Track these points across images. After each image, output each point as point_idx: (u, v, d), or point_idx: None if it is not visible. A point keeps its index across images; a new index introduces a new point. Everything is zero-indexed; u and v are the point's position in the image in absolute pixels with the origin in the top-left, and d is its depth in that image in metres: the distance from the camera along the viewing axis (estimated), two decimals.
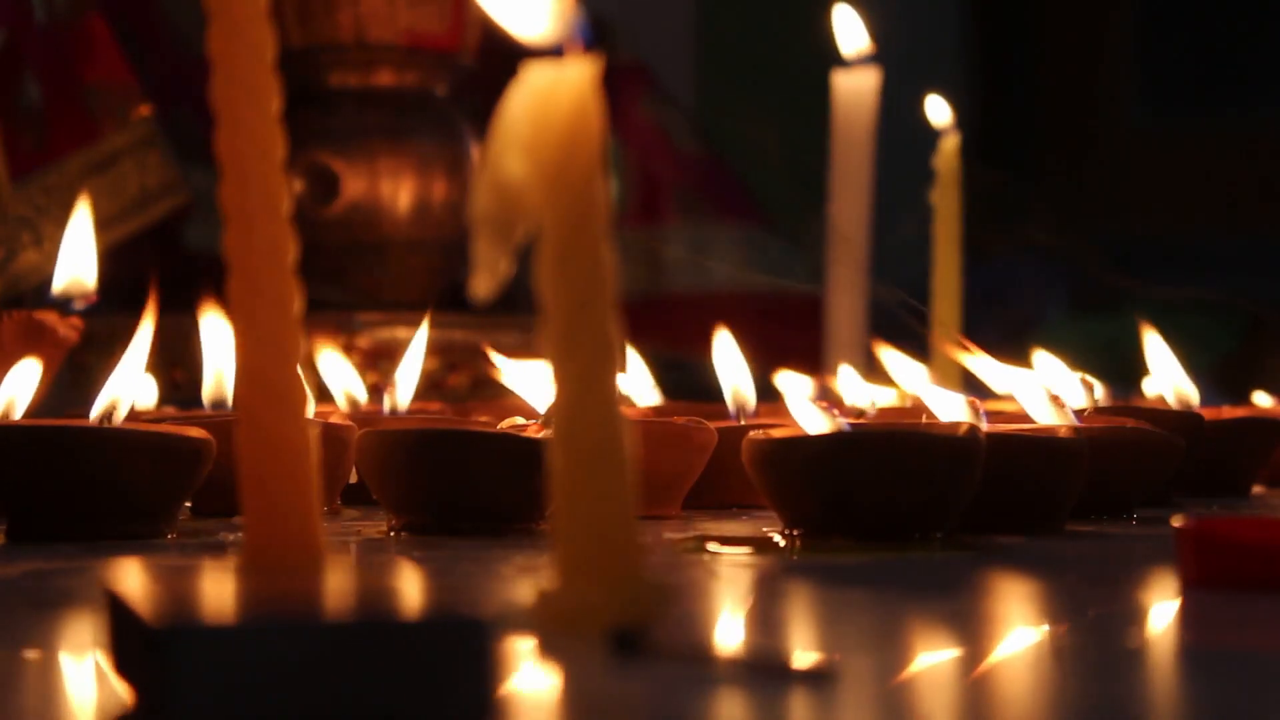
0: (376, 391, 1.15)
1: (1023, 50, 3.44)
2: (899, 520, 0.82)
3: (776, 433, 0.84)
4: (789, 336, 1.65)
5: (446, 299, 1.52)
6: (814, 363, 1.45)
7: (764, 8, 2.72)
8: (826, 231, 1.51)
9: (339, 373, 1.12)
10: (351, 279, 1.52)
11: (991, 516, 0.86)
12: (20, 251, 1.42)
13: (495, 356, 1.02)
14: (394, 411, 1.07)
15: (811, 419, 0.84)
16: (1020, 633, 0.62)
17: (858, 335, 1.49)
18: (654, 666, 0.51)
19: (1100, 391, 1.19)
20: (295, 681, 0.42)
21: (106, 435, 0.84)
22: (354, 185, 1.52)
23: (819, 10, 1.51)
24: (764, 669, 0.51)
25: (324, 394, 1.14)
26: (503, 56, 0.59)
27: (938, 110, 1.55)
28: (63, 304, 1.01)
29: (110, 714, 0.46)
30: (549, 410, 0.79)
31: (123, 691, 0.47)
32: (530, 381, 1.00)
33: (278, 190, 0.57)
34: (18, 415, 0.90)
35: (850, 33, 1.49)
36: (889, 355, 1.15)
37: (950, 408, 0.90)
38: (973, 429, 0.83)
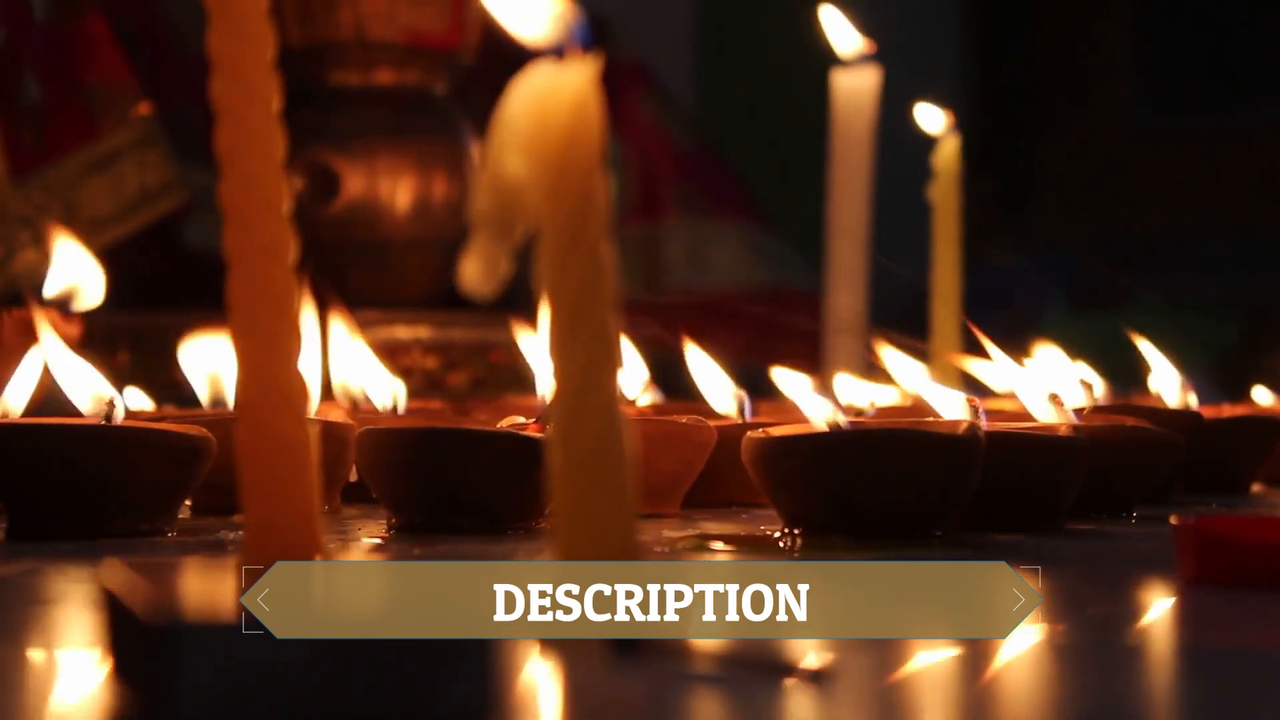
0: None
1: (1022, 50, 3.44)
2: (899, 519, 0.82)
3: (777, 431, 0.84)
4: (788, 335, 1.65)
5: (446, 298, 1.52)
6: (813, 361, 1.45)
7: (764, 7, 2.72)
8: (826, 230, 1.51)
9: (365, 369, 1.12)
10: (351, 278, 1.52)
11: (991, 515, 0.86)
12: (20, 250, 1.42)
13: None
14: (394, 410, 1.07)
15: (817, 409, 0.84)
16: (1020, 631, 0.62)
17: (858, 333, 1.49)
18: (653, 665, 0.51)
19: (1100, 390, 1.19)
20: (294, 680, 0.42)
21: (106, 435, 0.84)
22: (354, 184, 1.52)
23: (818, 10, 1.51)
24: (762, 668, 0.51)
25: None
26: (503, 56, 0.59)
27: (929, 117, 1.55)
28: (62, 303, 1.02)
29: (110, 713, 0.46)
30: (548, 408, 0.79)
31: (122, 690, 0.47)
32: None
33: (278, 189, 0.57)
34: (19, 413, 0.90)
35: (840, 33, 1.49)
36: (889, 353, 1.15)
37: (950, 406, 0.90)
38: (972, 427, 0.83)
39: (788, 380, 0.88)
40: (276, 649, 0.42)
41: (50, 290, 1.02)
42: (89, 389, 0.88)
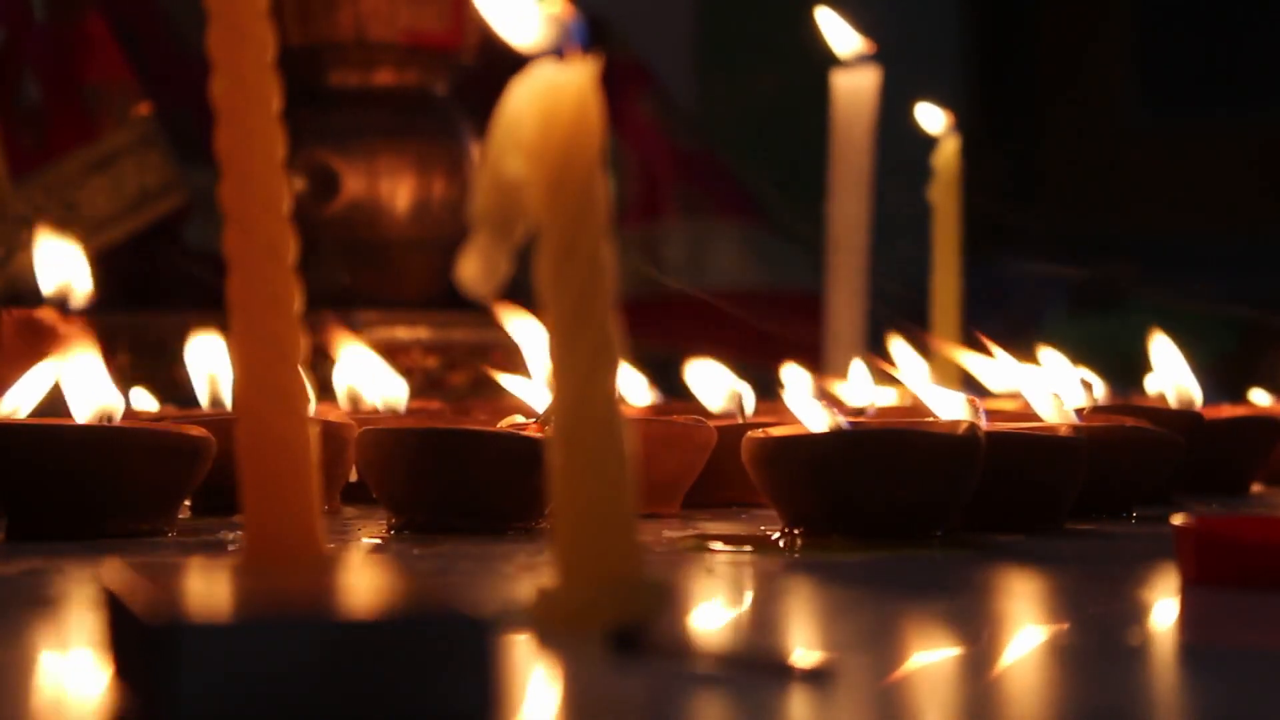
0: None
1: (1022, 49, 3.44)
2: (899, 519, 0.82)
3: (776, 432, 0.84)
4: (788, 335, 1.65)
5: (446, 298, 1.52)
6: (814, 361, 1.45)
7: (764, 8, 2.72)
8: (826, 230, 1.51)
9: (365, 370, 1.12)
10: (351, 278, 1.52)
11: (991, 515, 0.86)
12: (20, 250, 1.42)
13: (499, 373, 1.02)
14: (394, 410, 1.07)
15: (813, 416, 0.84)
16: (1020, 631, 0.62)
17: (857, 334, 1.49)
18: (653, 665, 0.51)
19: (1100, 390, 1.19)
20: (295, 680, 0.42)
21: (106, 435, 0.84)
22: (354, 184, 1.52)
23: (818, 11, 1.51)
24: (762, 668, 0.51)
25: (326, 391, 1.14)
26: (503, 56, 0.59)
27: (930, 117, 1.55)
28: (62, 303, 1.01)
29: (110, 713, 0.46)
30: (549, 409, 0.79)
31: (122, 690, 0.47)
32: (527, 388, 1.00)
33: (278, 189, 0.57)
34: (23, 414, 0.90)
35: (838, 34, 1.49)
36: (897, 345, 1.15)
37: (950, 406, 0.90)
38: (972, 427, 0.83)
39: (794, 383, 0.88)
40: (276, 649, 0.42)
41: (45, 289, 1.02)
42: (95, 398, 0.87)
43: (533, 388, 0.99)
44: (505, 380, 1.04)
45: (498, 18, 0.56)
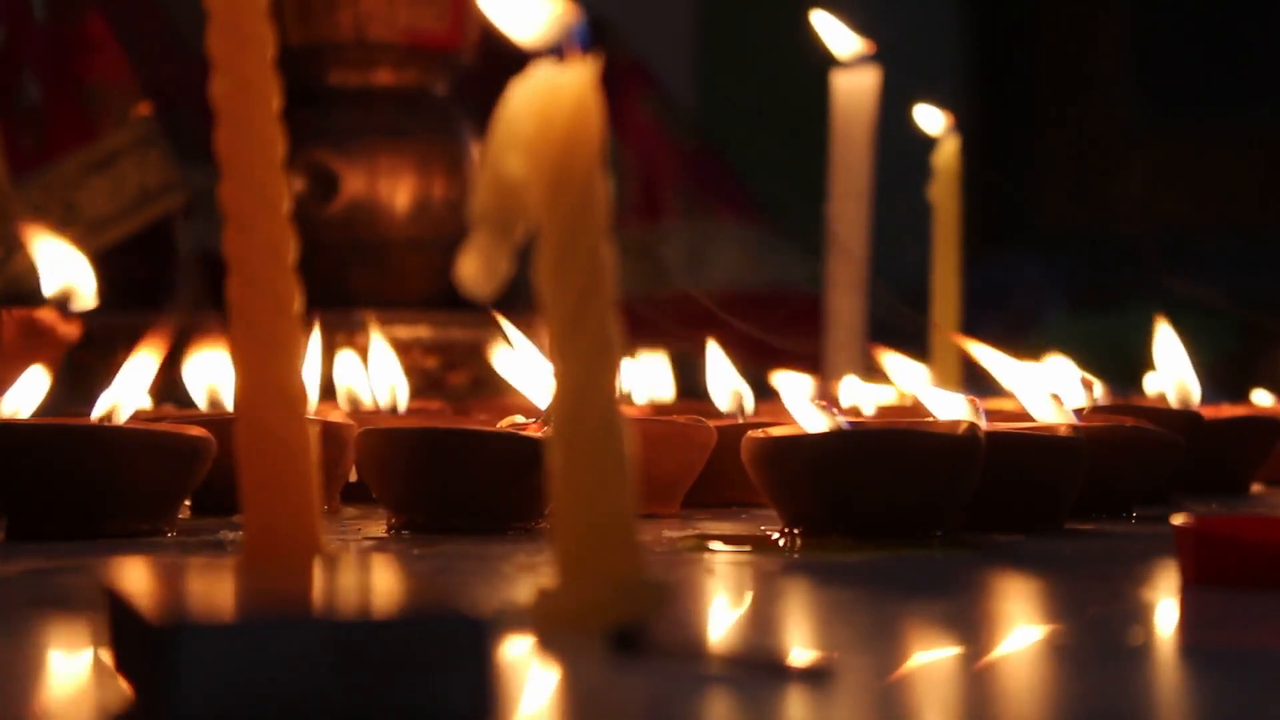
0: None
1: (1021, 50, 3.44)
2: (899, 519, 0.82)
3: (776, 432, 0.84)
4: (788, 336, 1.65)
5: (446, 298, 1.52)
6: (813, 362, 1.45)
7: (764, 8, 2.72)
8: (826, 230, 1.51)
9: (353, 372, 1.12)
10: (351, 278, 1.52)
11: (991, 515, 0.86)
12: (20, 251, 1.42)
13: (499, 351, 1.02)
14: (394, 410, 1.07)
15: (810, 418, 0.84)
16: (1020, 631, 0.62)
17: (857, 334, 1.49)
18: (653, 665, 0.51)
19: (1100, 390, 1.19)
20: (294, 680, 0.42)
21: (106, 435, 0.84)
22: (354, 184, 1.52)
23: (818, 12, 1.51)
24: (762, 667, 0.51)
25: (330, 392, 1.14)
26: (503, 55, 0.59)
27: (929, 118, 1.55)
28: (62, 303, 1.01)
29: (110, 712, 0.46)
30: (549, 409, 0.79)
31: (123, 690, 0.47)
32: (529, 375, 1.00)
33: (278, 190, 0.57)
34: (23, 415, 0.90)
35: (836, 37, 1.50)
36: (890, 359, 1.15)
37: (950, 407, 0.90)
38: (972, 427, 0.83)
39: (788, 387, 0.88)
40: (276, 649, 0.42)
41: (48, 289, 1.02)
42: (119, 394, 0.87)
43: (535, 382, 0.99)
44: (507, 373, 1.04)
45: (499, 16, 0.56)
